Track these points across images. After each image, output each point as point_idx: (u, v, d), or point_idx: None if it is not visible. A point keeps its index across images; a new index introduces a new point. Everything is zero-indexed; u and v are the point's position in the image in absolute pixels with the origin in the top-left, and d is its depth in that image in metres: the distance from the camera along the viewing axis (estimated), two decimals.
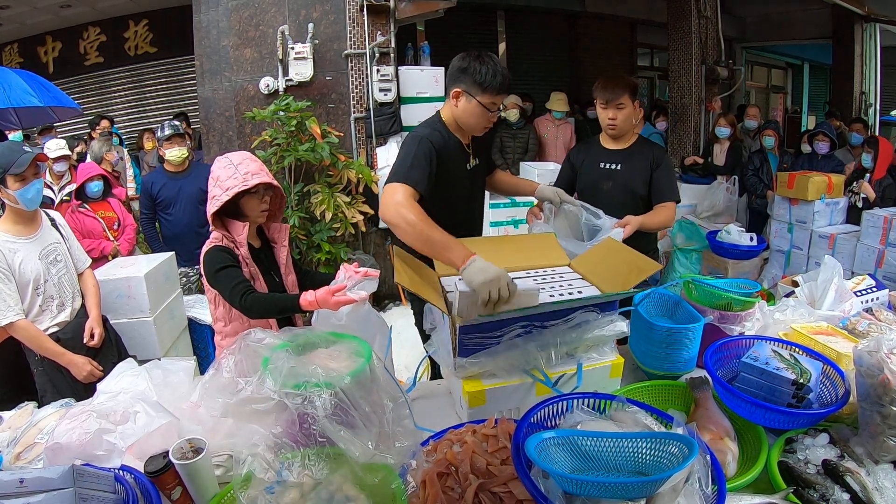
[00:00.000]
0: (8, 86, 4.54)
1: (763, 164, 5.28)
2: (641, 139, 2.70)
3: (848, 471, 1.22)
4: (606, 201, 2.46)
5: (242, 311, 1.84)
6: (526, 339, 1.47)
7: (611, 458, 1.07)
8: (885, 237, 4.12)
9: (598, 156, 2.70)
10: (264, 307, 1.83)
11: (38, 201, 2.32)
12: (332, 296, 1.69)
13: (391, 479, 1.13)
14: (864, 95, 8.49)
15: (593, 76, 3.11)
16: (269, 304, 1.84)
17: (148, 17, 7.46)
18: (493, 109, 2.05)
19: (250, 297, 1.81)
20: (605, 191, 2.63)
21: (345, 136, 4.79)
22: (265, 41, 4.75)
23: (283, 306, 1.83)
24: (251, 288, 1.86)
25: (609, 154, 2.67)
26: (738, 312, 1.84)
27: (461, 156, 2.18)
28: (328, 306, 1.69)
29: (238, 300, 1.82)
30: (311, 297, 1.72)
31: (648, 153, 2.62)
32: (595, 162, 2.69)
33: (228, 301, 1.88)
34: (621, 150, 2.65)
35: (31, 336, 2.30)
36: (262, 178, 1.93)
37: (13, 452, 1.41)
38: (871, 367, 1.27)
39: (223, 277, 1.86)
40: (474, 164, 2.26)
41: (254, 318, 1.91)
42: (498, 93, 2.01)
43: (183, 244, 3.86)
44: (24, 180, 2.24)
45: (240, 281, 1.85)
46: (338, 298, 1.68)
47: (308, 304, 1.73)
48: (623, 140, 2.66)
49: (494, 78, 1.98)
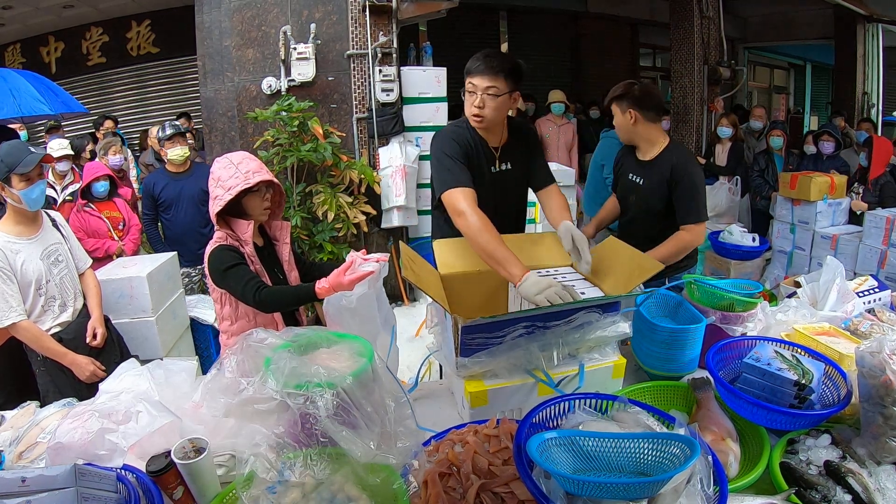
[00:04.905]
0: (17, 93, 4.55)
1: (769, 165, 5.27)
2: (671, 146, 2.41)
3: (850, 472, 1.22)
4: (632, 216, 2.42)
5: (257, 306, 1.85)
6: (528, 339, 1.46)
7: (613, 458, 1.07)
8: (887, 238, 4.11)
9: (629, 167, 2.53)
10: (279, 300, 1.86)
11: (41, 202, 2.33)
12: (343, 275, 1.71)
13: (393, 479, 1.13)
14: (867, 96, 8.49)
15: (595, 77, 3.12)
16: (284, 296, 1.87)
17: (150, 18, 7.47)
18: (469, 90, 2.01)
19: (264, 291, 1.83)
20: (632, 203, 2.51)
21: (347, 137, 4.79)
22: (267, 41, 4.76)
23: (298, 297, 1.86)
24: (263, 283, 1.88)
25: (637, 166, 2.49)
26: (741, 313, 1.84)
27: (484, 156, 2.13)
28: (343, 287, 1.71)
29: (252, 296, 1.83)
30: (324, 284, 1.75)
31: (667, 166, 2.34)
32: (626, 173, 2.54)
33: (241, 299, 1.89)
34: (646, 161, 2.44)
35: (33, 336, 2.30)
36: (263, 176, 1.95)
37: (15, 452, 1.41)
38: (874, 368, 1.27)
39: (233, 275, 1.88)
40: (503, 169, 2.17)
41: (269, 311, 1.93)
42: (472, 73, 1.98)
43: (185, 244, 3.87)
44: (29, 180, 2.24)
45: (251, 277, 1.87)
46: (350, 277, 1.70)
47: (323, 290, 1.75)
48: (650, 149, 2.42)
49: (474, 61, 1.98)
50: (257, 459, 1.10)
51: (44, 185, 2.32)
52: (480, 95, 1.97)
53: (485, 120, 2.02)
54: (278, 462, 1.10)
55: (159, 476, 1.17)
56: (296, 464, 1.10)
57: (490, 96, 1.96)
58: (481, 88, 1.96)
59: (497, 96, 1.97)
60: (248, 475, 1.10)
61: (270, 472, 1.09)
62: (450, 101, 4.97)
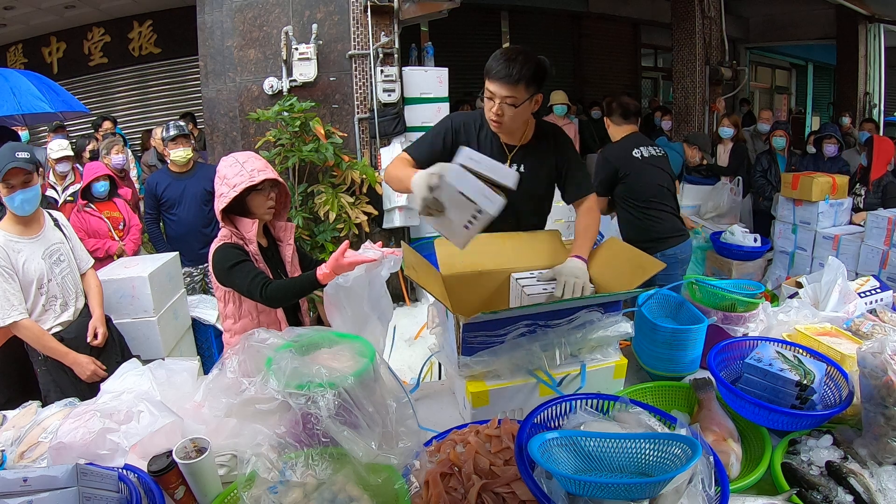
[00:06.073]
0: (18, 91, 4.56)
1: (771, 166, 5.26)
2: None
3: (851, 472, 1.21)
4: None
5: (265, 301, 1.86)
6: (530, 338, 1.46)
7: (614, 458, 1.07)
8: (889, 238, 4.10)
9: None
10: (285, 293, 1.86)
11: (27, 210, 2.29)
12: (342, 256, 1.72)
13: (394, 479, 1.13)
14: (868, 96, 8.48)
15: (597, 77, 3.17)
16: (289, 289, 1.87)
17: (152, 18, 7.49)
18: (488, 96, 1.91)
19: (270, 287, 1.84)
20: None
21: (348, 137, 4.80)
22: (269, 42, 4.77)
23: (302, 287, 1.86)
24: (268, 279, 1.88)
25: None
26: (742, 313, 1.84)
27: (492, 151, 2.02)
28: (343, 269, 1.72)
29: (258, 292, 1.84)
30: (325, 269, 1.76)
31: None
32: None
33: (247, 295, 1.90)
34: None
35: (34, 335, 2.30)
36: (268, 175, 1.96)
37: (17, 451, 1.42)
38: (875, 368, 1.27)
39: (238, 272, 1.88)
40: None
41: (276, 306, 1.95)
42: (491, 78, 1.87)
43: (187, 244, 3.88)
44: (11, 188, 2.22)
45: (256, 274, 1.88)
46: (350, 259, 1.71)
47: (325, 276, 1.76)
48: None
49: (494, 63, 1.87)
50: (259, 459, 1.10)
51: (31, 192, 2.28)
52: (499, 103, 1.88)
53: (503, 126, 1.97)
54: (280, 462, 1.10)
55: (161, 476, 1.17)
56: (297, 464, 1.10)
57: (508, 105, 1.87)
58: (500, 97, 1.86)
59: (516, 106, 1.87)
60: (249, 475, 1.10)
61: (272, 471, 1.09)
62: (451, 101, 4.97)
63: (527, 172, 2.04)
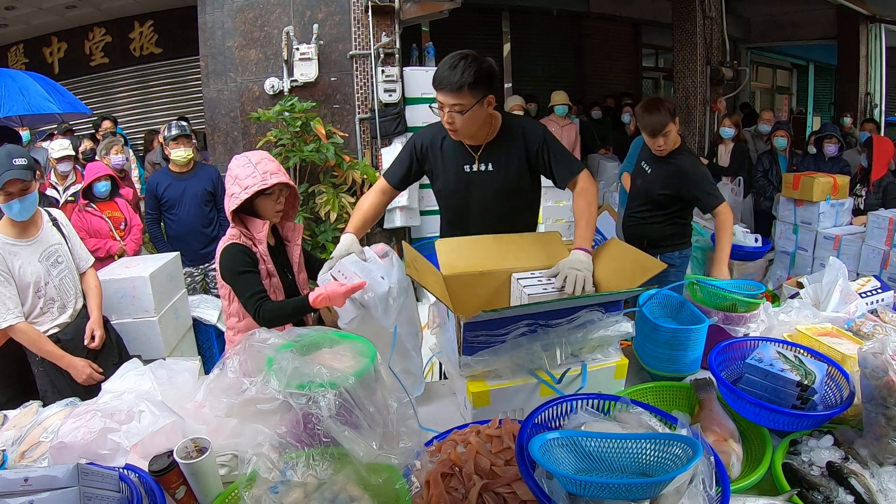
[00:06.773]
0: (26, 91, 4.58)
1: (772, 166, 5.26)
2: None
3: (852, 473, 1.21)
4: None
5: (256, 320, 1.88)
6: (531, 338, 1.46)
7: (615, 459, 1.07)
8: (890, 238, 4.10)
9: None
10: (277, 316, 1.88)
11: (24, 216, 2.28)
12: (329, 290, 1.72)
13: (395, 479, 1.13)
14: (869, 96, 8.47)
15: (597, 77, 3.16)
16: (282, 311, 1.89)
17: (153, 18, 7.50)
18: (440, 107, 1.94)
19: (265, 307, 1.87)
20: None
21: (349, 137, 4.80)
22: (270, 42, 4.77)
23: (294, 310, 1.89)
24: (266, 297, 1.91)
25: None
26: (743, 314, 1.83)
27: (457, 156, 2.10)
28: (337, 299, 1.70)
29: (253, 311, 1.87)
30: (313, 296, 1.76)
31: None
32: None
33: (243, 305, 1.93)
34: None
35: (30, 339, 2.30)
36: (281, 178, 1.96)
37: (18, 451, 1.42)
38: (876, 368, 1.27)
39: (243, 282, 1.91)
40: (480, 169, 2.09)
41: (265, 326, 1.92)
42: (437, 87, 1.89)
43: (188, 244, 3.89)
44: (9, 196, 2.20)
45: (256, 290, 1.90)
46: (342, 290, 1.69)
47: (317, 301, 1.76)
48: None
49: (439, 72, 1.89)
50: (259, 459, 1.10)
51: (29, 200, 2.26)
52: (448, 112, 1.90)
53: (458, 132, 1.98)
54: (280, 462, 1.10)
55: (162, 476, 1.17)
56: (298, 464, 1.10)
57: (457, 113, 1.89)
58: (448, 105, 1.89)
59: (463, 112, 1.89)
60: (250, 475, 1.10)
61: (273, 471, 1.09)
62: None
63: (494, 170, 2.09)
